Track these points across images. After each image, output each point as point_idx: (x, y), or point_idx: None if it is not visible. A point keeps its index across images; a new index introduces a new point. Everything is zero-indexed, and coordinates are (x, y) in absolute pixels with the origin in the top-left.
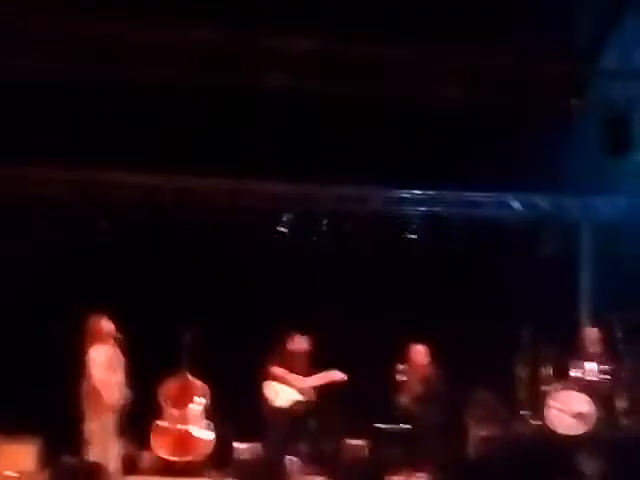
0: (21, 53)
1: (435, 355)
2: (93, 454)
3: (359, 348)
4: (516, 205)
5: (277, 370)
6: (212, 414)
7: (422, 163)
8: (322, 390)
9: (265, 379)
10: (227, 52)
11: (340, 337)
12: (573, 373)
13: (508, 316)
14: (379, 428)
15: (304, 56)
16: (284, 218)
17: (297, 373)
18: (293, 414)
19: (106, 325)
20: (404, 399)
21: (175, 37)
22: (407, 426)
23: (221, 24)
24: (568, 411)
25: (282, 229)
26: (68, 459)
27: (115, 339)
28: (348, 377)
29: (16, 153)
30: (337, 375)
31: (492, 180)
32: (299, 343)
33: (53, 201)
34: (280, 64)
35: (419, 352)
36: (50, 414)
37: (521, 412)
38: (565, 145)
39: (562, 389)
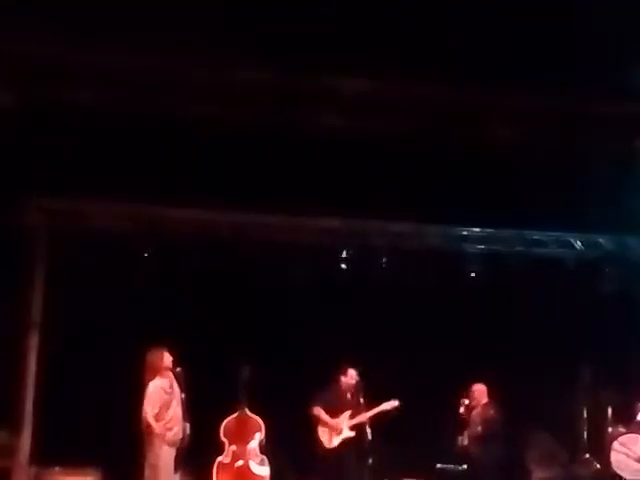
0: (84, 87)
1: (495, 394)
2: None
3: (418, 385)
4: (578, 244)
5: (319, 412)
6: (268, 449)
7: (483, 201)
8: (377, 427)
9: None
10: (285, 91)
11: (398, 374)
12: (639, 417)
13: (570, 356)
14: (438, 468)
15: (361, 95)
16: (343, 254)
17: (350, 408)
18: (346, 453)
19: (165, 359)
20: (464, 438)
21: (234, 76)
22: (466, 466)
23: (280, 65)
24: (633, 455)
25: (341, 265)
26: None
27: (174, 373)
28: (405, 415)
29: (78, 187)
30: (389, 404)
31: (554, 219)
32: (352, 378)
33: (115, 235)
34: (337, 103)
35: (479, 391)
36: (111, 447)
37: (583, 455)
38: (627, 185)
39: (627, 432)
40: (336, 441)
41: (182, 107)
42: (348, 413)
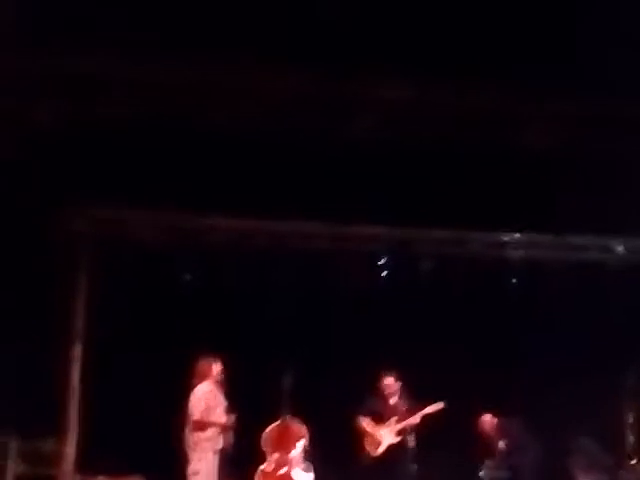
0: (120, 101)
1: (539, 401)
2: None
3: (460, 391)
4: (620, 249)
5: (363, 421)
6: (311, 456)
7: (524, 206)
8: (422, 433)
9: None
10: (321, 97)
11: (442, 380)
12: None
13: (614, 361)
14: (480, 476)
15: (400, 102)
16: (382, 261)
17: (395, 414)
18: (390, 460)
19: (215, 367)
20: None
21: (271, 84)
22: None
23: (315, 71)
24: None
25: (382, 272)
26: None
27: (219, 381)
28: (450, 421)
29: (123, 197)
30: (434, 407)
31: (595, 224)
32: (393, 384)
33: (158, 244)
34: (375, 109)
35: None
36: (154, 455)
37: (629, 461)
38: None
39: None
40: (381, 448)
41: (222, 117)
42: (394, 419)
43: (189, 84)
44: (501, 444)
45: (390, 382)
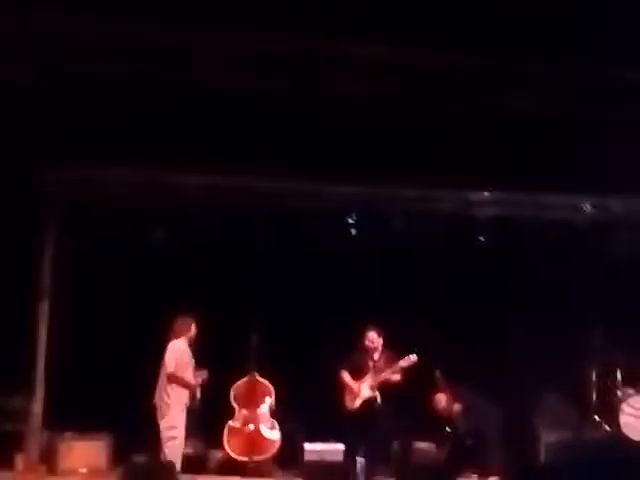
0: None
1: (505, 357)
2: (169, 451)
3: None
4: (587, 207)
5: (344, 375)
6: (279, 414)
7: (493, 165)
8: (389, 392)
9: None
10: (294, 57)
11: (411, 337)
12: None
13: (579, 320)
14: (448, 432)
15: (377, 61)
16: (351, 219)
17: (372, 368)
18: (365, 413)
19: (190, 325)
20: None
21: (240, 41)
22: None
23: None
24: None
25: (351, 230)
26: (139, 457)
27: (192, 340)
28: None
29: (91, 156)
30: (406, 360)
31: (563, 182)
32: (374, 340)
33: (128, 202)
34: (351, 68)
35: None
36: (122, 412)
37: (593, 417)
38: (637, 147)
39: (635, 394)
40: (358, 402)
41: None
42: (372, 374)
43: (157, 42)
44: (457, 407)
45: (372, 338)
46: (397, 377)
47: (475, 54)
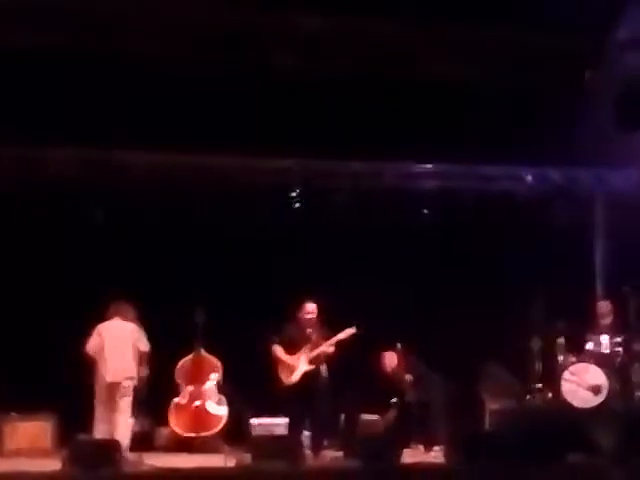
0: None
1: (447, 328)
2: (98, 431)
3: (373, 321)
4: (529, 178)
5: (277, 349)
6: (225, 389)
7: (434, 138)
8: (334, 363)
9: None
10: (236, 30)
11: (354, 309)
12: (588, 346)
13: (521, 289)
14: (393, 403)
15: (312, 34)
16: (295, 193)
17: (308, 342)
18: (305, 387)
19: (120, 305)
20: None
21: (191, 16)
22: (420, 400)
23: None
24: (583, 384)
25: (295, 204)
26: (83, 436)
27: (127, 318)
28: (362, 351)
29: (30, 134)
30: (346, 332)
31: (505, 154)
32: (311, 312)
33: (66, 181)
34: (289, 41)
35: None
36: (65, 391)
37: (535, 385)
38: (578, 118)
39: (576, 362)
40: (295, 376)
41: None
42: (308, 347)
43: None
44: (408, 377)
45: (310, 309)
46: (332, 349)
47: (411, 25)
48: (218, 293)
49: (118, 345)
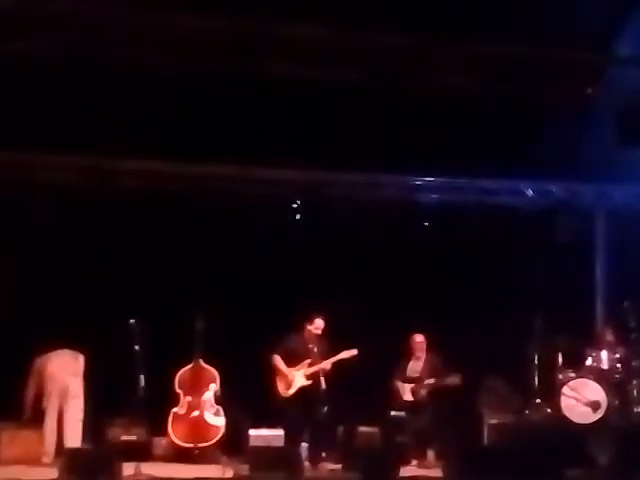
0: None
1: (448, 343)
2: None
3: (373, 335)
4: (530, 193)
5: (276, 360)
6: (224, 400)
7: (436, 151)
8: (333, 377)
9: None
10: (235, 39)
11: (354, 324)
12: (587, 362)
13: (522, 304)
14: (392, 416)
15: (314, 44)
16: (296, 204)
17: (311, 357)
18: (301, 401)
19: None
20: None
21: (182, 23)
22: (420, 413)
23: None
24: (582, 399)
25: (295, 215)
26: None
27: None
28: (362, 365)
29: (21, 139)
30: (348, 353)
31: (506, 168)
32: (318, 328)
33: (65, 187)
34: (289, 51)
35: (420, 342)
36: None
37: (534, 400)
38: (579, 133)
39: (576, 377)
40: (292, 390)
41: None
42: (307, 362)
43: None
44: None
45: (314, 325)
46: (329, 366)
47: (413, 37)
48: (217, 303)
49: None
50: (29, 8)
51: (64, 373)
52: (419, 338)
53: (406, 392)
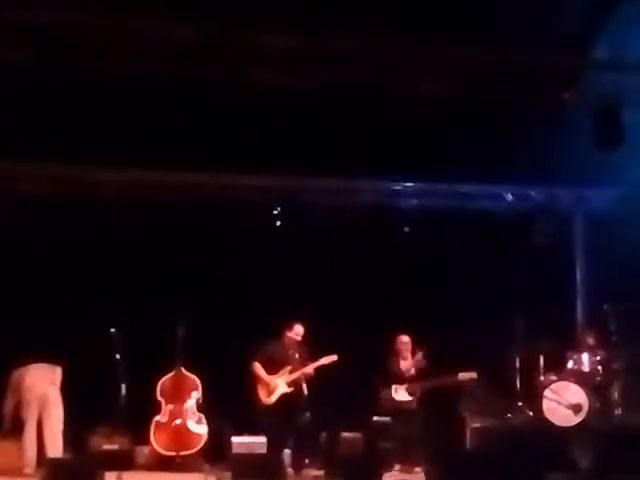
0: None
1: (429, 347)
2: None
3: (354, 340)
4: (509, 197)
5: (257, 368)
6: (205, 407)
7: (415, 156)
8: (316, 382)
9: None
10: (212, 47)
11: (334, 330)
12: (568, 364)
13: (502, 307)
14: (375, 421)
15: (289, 51)
16: (275, 211)
17: (291, 363)
18: (283, 408)
19: None
20: (397, 391)
21: (160, 31)
22: (402, 418)
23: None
24: (564, 402)
25: (275, 222)
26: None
27: None
28: (343, 370)
29: (1, 150)
30: (328, 359)
31: (485, 172)
32: (298, 334)
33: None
34: (264, 58)
35: (404, 343)
36: None
37: (516, 403)
38: (557, 137)
39: (557, 380)
40: (274, 397)
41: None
42: (288, 369)
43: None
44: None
45: (293, 332)
46: (311, 371)
47: (394, 42)
48: (198, 310)
49: None
50: (5, 16)
51: (42, 383)
52: (405, 339)
53: (398, 392)
